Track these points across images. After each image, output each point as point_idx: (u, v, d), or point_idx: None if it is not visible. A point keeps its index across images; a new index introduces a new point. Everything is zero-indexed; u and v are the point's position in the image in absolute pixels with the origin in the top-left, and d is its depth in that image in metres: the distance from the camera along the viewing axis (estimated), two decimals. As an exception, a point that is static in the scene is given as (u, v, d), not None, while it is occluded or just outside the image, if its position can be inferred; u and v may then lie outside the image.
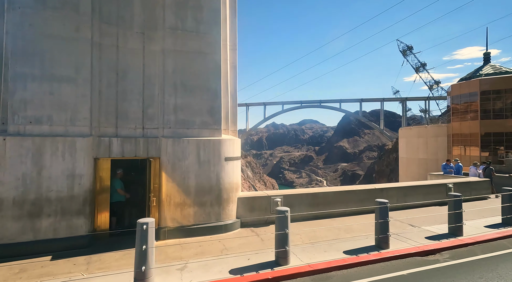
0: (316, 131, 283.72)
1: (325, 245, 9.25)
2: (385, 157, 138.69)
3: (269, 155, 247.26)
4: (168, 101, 10.10)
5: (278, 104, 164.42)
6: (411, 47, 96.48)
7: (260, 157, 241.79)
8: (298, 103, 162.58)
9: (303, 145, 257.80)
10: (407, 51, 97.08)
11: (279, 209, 8.07)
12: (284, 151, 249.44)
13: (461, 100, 55.61)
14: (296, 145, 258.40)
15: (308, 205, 12.23)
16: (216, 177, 10.38)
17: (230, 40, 12.18)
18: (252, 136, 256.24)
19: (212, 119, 10.66)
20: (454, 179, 17.18)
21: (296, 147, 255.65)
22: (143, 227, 6.42)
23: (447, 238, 9.86)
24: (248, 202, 11.30)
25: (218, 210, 10.38)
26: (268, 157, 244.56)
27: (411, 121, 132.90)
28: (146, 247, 6.41)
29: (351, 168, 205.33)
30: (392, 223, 11.73)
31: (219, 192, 10.41)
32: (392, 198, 13.75)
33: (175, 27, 10.25)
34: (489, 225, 11.33)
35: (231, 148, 10.91)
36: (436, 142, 61.76)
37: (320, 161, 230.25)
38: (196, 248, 8.94)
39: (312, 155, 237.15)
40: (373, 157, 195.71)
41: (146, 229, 6.44)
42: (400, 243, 9.49)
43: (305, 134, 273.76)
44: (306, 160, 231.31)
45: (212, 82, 10.66)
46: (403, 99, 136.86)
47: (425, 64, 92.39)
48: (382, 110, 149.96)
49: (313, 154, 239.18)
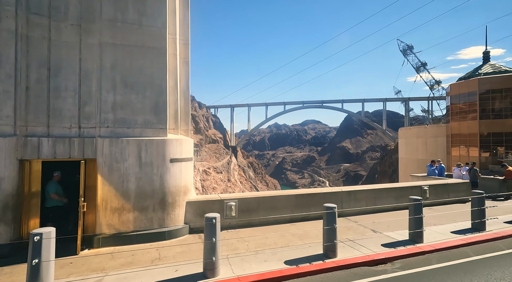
0: (318, 131, 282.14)
1: (269, 254, 8.53)
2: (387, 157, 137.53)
3: (271, 155, 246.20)
4: (106, 98, 9.42)
5: (280, 104, 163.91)
6: (412, 46, 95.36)
7: (262, 157, 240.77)
8: (300, 104, 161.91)
9: (306, 145, 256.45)
10: (408, 51, 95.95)
11: (207, 216, 7.35)
12: (286, 151, 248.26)
13: (460, 100, 54.66)
14: (299, 145, 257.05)
15: (268, 209, 11.50)
16: (160, 179, 9.68)
17: (181, 34, 11.47)
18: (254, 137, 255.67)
19: (156, 117, 9.97)
20: (431, 181, 16.38)
21: (298, 147, 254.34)
22: (34, 238, 5.73)
23: (404, 246, 9.10)
24: (198, 207, 10.59)
25: (162, 215, 9.68)
26: (270, 157, 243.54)
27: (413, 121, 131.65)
28: (39, 261, 5.72)
29: (354, 168, 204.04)
30: (355, 228, 11.07)
31: (163, 196, 9.71)
32: (361, 201, 13.05)
33: (114, 19, 9.57)
34: (456, 231, 10.54)
35: (179, 149, 10.20)
36: (436, 143, 61.00)
37: (322, 161, 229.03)
38: (127, 257, 8.24)
39: (315, 156, 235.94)
40: (375, 158, 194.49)
41: (39, 241, 5.75)
42: (352, 251, 8.74)
43: (307, 135, 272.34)
44: (309, 161, 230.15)
45: (156, 78, 9.97)
46: (405, 99, 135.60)
47: (426, 63, 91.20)
48: (385, 110, 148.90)
49: (316, 154, 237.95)
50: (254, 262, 7.95)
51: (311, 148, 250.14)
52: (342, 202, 12.70)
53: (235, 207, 10.93)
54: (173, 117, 10.85)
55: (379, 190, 13.54)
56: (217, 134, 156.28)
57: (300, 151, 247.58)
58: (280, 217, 11.45)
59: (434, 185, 14.86)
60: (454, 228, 10.94)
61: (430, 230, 10.62)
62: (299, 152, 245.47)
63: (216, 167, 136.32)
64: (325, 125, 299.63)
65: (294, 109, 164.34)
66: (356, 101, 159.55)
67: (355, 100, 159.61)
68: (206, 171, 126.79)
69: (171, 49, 10.72)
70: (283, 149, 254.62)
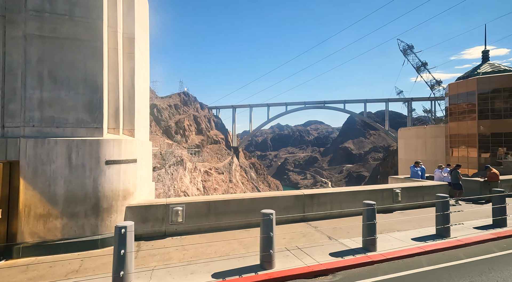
0: (321, 132, 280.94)
1: (201, 265, 7.74)
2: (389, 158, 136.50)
3: (273, 156, 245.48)
4: (31, 95, 8.69)
5: (282, 105, 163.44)
6: (412, 46, 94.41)
7: (264, 158, 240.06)
8: (301, 104, 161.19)
9: (308, 146, 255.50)
10: (408, 50, 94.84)
11: (118, 225, 6.58)
12: (288, 152, 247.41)
13: (459, 100, 54.11)
14: (301, 146, 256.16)
15: (221, 214, 10.73)
16: (93, 183, 8.93)
17: (125, 27, 10.71)
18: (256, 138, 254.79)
19: (90, 116, 9.23)
20: (405, 183, 15.52)
21: (301, 148, 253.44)
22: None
23: (353, 255, 8.29)
24: (140, 212, 9.83)
25: (95, 221, 8.93)
26: (272, 158, 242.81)
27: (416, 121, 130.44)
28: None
29: (357, 169, 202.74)
30: (311, 234, 10.28)
31: (96, 201, 8.96)
32: (325, 205, 12.24)
33: (41, 10, 8.84)
34: (417, 238, 9.69)
35: (117, 150, 9.45)
36: (435, 143, 60.07)
37: (325, 162, 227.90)
38: (43, 269, 7.50)
39: (317, 156, 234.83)
40: (378, 158, 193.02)
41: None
42: (293, 261, 7.94)
43: (310, 135, 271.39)
44: (311, 161, 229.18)
45: (91, 73, 9.23)
46: (408, 99, 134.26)
47: (426, 63, 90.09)
48: (387, 110, 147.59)
49: (318, 155, 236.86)
50: (179, 275, 7.17)
51: (314, 149, 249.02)
52: (305, 206, 11.92)
53: (182, 212, 10.17)
54: (114, 116, 10.07)
55: (345, 193, 12.71)
56: (219, 135, 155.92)
57: (302, 152, 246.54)
58: (233, 222, 10.69)
59: (407, 187, 14.00)
60: (417, 234, 10.11)
61: (391, 237, 9.82)
62: (302, 153, 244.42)
63: (218, 168, 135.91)
64: (327, 126, 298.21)
65: (296, 110, 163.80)
66: (358, 101, 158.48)
67: (357, 101, 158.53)
68: (207, 171, 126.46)
69: (111, 43, 9.97)
70: (286, 149, 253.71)
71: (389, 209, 13.32)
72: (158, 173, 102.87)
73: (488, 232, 10.31)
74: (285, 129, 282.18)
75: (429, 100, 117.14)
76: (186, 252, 8.65)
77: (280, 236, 9.94)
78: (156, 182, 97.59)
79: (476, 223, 11.41)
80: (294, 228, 10.89)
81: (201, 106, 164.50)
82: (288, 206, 11.67)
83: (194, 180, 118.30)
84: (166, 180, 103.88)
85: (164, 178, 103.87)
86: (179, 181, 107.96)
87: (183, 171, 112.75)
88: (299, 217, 11.77)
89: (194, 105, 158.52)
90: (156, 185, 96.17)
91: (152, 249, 8.87)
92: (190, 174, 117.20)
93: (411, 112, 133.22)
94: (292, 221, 11.59)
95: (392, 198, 13.31)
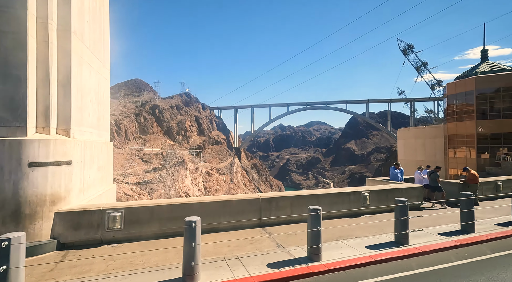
0: (323, 132, 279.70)
1: (119, 279, 6.94)
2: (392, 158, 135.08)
3: (276, 157, 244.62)
4: None
5: (283, 105, 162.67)
6: (412, 45, 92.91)
7: (267, 159, 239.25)
8: (303, 105, 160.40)
9: (310, 147, 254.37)
10: (408, 50, 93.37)
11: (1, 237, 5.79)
12: (291, 153, 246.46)
13: (457, 100, 53.03)
14: (303, 147, 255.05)
15: (166, 219, 9.92)
16: (13, 187, 8.14)
17: (59, 19, 9.91)
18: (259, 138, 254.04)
19: (12, 114, 8.46)
20: (376, 186, 14.64)
21: (303, 149, 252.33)
22: None
23: (293, 266, 7.45)
24: (71, 218, 9.03)
25: (14, 230, 8.14)
26: (275, 159, 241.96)
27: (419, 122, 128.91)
28: None
29: (359, 170, 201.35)
30: (260, 241, 9.46)
31: (17, 207, 8.17)
32: (285, 209, 11.40)
33: (-46, -1, 8.11)
34: (373, 245, 8.80)
35: (45, 151, 8.66)
36: (434, 144, 58.85)
37: (327, 163, 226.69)
38: None
39: (319, 157, 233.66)
40: (381, 159, 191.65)
41: None
42: (223, 273, 7.10)
43: (312, 136, 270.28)
44: (313, 162, 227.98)
45: (12, 67, 8.46)
46: (410, 100, 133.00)
47: (427, 63, 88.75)
48: (389, 111, 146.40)
49: (320, 156, 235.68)
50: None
51: (316, 150, 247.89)
52: (261, 210, 11.08)
53: (120, 218, 9.36)
54: (43, 114, 9.27)
55: (307, 196, 11.85)
56: (221, 136, 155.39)
57: (304, 153, 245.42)
58: (179, 228, 9.83)
59: (377, 190, 13.11)
60: (375, 241, 9.24)
61: (344, 244, 8.97)
62: (304, 154, 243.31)
63: (219, 169, 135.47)
64: (330, 126, 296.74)
65: (298, 110, 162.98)
66: (360, 102, 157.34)
67: (359, 101, 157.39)
68: (209, 172, 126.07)
69: (40, 35, 9.19)
70: (288, 150, 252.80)
71: (356, 213, 12.44)
72: (159, 174, 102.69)
73: (452, 238, 9.42)
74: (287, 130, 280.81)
75: (432, 101, 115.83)
76: (111, 263, 7.85)
77: (225, 243, 9.15)
78: (157, 183, 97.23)
79: (444, 229, 10.53)
80: (246, 234, 10.07)
81: (202, 106, 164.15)
82: (243, 211, 10.83)
83: (196, 180, 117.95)
84: (167, 180, 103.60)
85: (165, 179, 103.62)
86: (180, 182, 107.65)
87: (184, 172, 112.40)
88: (255, 223, 10.95)
89: (196, 106, 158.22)
90: (157, 186, 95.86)
91: (77, 260, 8.08)
92: (191, 174, 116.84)
93: (413, 113, 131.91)
94: (248, 227, 10.76)
95: (360, 202, 12.45)
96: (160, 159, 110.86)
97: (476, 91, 48.98)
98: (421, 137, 61.54)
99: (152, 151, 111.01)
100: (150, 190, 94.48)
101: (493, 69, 55.47)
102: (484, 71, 55.24)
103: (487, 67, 57.00)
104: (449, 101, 54.07)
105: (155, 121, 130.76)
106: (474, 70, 58.19)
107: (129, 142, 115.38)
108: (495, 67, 56.25)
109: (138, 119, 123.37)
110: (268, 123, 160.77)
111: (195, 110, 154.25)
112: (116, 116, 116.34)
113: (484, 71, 55.52)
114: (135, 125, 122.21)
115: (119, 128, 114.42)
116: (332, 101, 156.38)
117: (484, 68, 56.96)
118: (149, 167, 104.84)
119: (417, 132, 64.12)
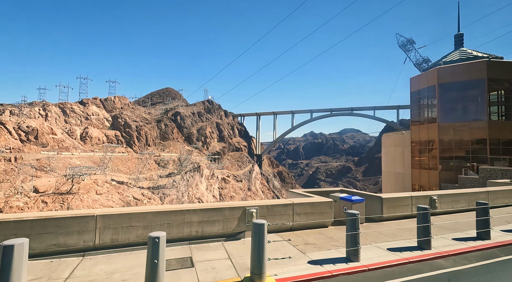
0: (357, 140, 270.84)
1: None
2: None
3: (305, 165, 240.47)
4: None
5: (307, 112, 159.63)
6: (412, 40, 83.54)
7: (296, 167, 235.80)
8: (328, 111, 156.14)
9: (342, 155, 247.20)
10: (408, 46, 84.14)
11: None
12: (321, 161, 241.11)
13: (420, 97, 43.14)
14: (335, 155, 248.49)
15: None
16: None
17: None
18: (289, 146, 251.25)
19: None
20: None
21: (334, 157, 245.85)
22: None
23: None
24: None
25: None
26: (304, 167, 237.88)
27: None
28: None
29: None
30: None
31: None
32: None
33: None
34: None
35: None
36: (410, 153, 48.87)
37: (359, 172, 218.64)
38: None
39: (351, 166, 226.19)
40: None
41: None
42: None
43: (345, 144, 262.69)
44: (344, 171, 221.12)
45: None
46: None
47: (428, 59, 79.81)
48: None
49: (352, 165, 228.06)
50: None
51: (348, 158, 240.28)
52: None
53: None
54: None
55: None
56: (242, 142, 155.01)
57: (335, 161, 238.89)
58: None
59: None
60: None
61: None
62: (335, 162, 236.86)
63: (237, 175, 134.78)
64: (365, 134, 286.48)
65: (321, 117, 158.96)
66: (389, 108, 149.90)
67: (389, 107, 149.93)
68: (225, 179, 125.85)
69: None
70: (318, 158, 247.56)
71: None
72: (173, 179, 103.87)
73: (324, 268, 7.74)
74: (318, 137, 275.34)
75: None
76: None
77: None
78: (170, 188, 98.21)
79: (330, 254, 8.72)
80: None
81: (225, 113, 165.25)
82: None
83: (211, 187, 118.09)
84: (181, 186, 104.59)
85: (179, 184, 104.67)
86: (194, 188, 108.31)
87: (200, 178, 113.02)
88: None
89: (218, 113, 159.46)
90: (170, 191, 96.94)
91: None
92: (206, 181, 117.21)
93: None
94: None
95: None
96: (176, 164, 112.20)
97: (438, 86, 38.79)
98: (399, 144, 50.90)
99: (170, 157, 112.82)
100: (163, 195, 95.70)
101: (463, 57, 45.36)
102: (452, 60, 45.40)
103: (457, 56, 46.85)
104: (413, 98, 44.80)
105: (176, 127, 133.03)
106: (442, 59, 48.19)
107: (149, 147, 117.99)
108: (466, 55, 46.01)
109: (159, 125, 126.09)
110: (291, 130, 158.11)
111: (216, 117, 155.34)
112: (138, 122, 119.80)
113: (452, 60, 45.58)
114: (156, 131, 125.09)
115: (140, 133, 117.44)
116: (358, 107, 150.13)
117: (452, 57, 46.92)
118: (164, 172, 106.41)
119: (396, 138, 53.38)
